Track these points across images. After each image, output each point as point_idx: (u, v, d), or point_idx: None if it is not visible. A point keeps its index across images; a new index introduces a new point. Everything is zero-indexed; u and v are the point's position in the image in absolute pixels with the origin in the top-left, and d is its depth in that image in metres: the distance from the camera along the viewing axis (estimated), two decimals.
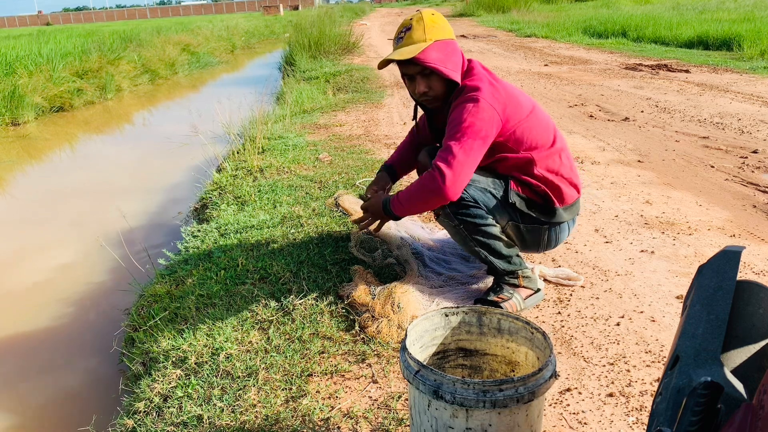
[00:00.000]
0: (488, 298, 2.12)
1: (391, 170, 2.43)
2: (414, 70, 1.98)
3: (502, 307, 2.07)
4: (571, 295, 2.27)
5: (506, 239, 2.09)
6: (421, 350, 1.48)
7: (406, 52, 1.94)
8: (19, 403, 2.48)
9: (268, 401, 1.71)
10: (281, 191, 3.55)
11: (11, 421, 2.38)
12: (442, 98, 2.03)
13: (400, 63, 1.99)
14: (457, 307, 1.49)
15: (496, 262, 2.10)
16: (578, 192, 2.14)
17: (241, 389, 1.78)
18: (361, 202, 3.26)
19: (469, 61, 2.06)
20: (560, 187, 2.05)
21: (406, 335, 1.34)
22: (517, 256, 2.14)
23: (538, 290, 2.20)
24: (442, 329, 1.50)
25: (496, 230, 2.05)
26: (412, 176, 2.54)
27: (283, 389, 1.77)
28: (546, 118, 2.08)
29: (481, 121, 1.88)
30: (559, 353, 1.90)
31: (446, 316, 1.49)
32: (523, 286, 2.16)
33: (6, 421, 2.37)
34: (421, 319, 1.46)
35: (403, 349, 1.30)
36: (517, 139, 1.98)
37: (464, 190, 1.98)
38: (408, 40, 1.96)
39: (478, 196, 2.01)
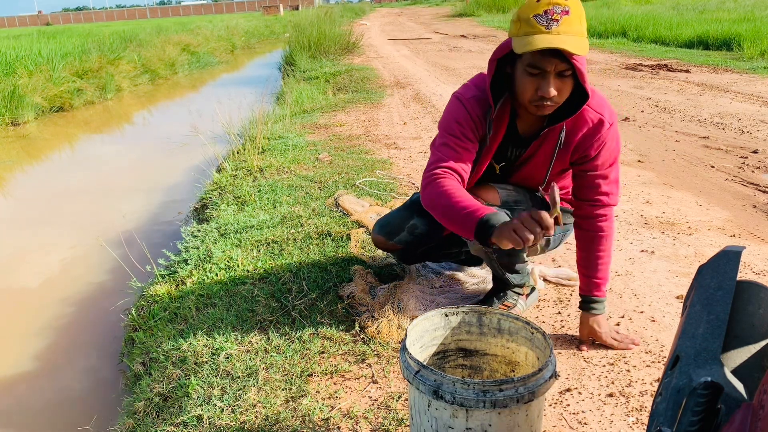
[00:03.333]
0: (493, 306, 2.12)
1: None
2: (555, 67, 1.56)
3: None
4: (571, 295, 2.27)
5: (526, 256, 2.06)
6: (421, 350, 1.48)
7: (578, 46, 1.51)
8: (20, 402, 2.48)
9: (268, 401, 1.71)
10: (281, 191, 3.55)
11: (12, 420, 2.38)
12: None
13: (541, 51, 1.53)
14: (457, 307, 1.49)
15: (512, 277, 2.06)
16: None
17: (241, 389, 1.77)
18: (361, 202, 3.26)
19: None
20: None
21: (406, 335, 1.34)
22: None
23: (533, 289, 2.21)
24: (442, 329, 1.50)
25: (523, 253, 1.98)
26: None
27: (283, 389, 1.77)
28: None
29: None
30: (559, 353, 1.90)
31: (446, 316, 1.49)
32: (527, 294, 2.17)
33: (6, 420, 2.37)
34: (421, 319, 1.46)
35: (403, 349, 1.30)
36: None
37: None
38: (568, 27, 1.51)
39: None
